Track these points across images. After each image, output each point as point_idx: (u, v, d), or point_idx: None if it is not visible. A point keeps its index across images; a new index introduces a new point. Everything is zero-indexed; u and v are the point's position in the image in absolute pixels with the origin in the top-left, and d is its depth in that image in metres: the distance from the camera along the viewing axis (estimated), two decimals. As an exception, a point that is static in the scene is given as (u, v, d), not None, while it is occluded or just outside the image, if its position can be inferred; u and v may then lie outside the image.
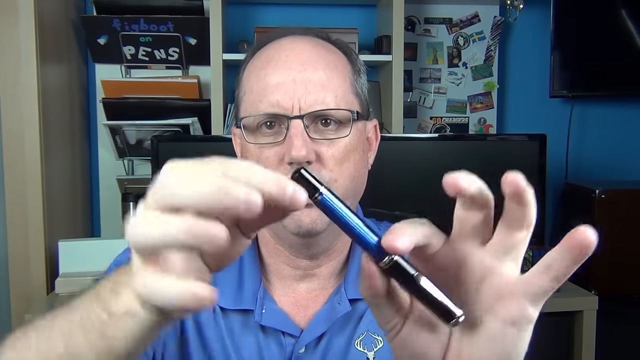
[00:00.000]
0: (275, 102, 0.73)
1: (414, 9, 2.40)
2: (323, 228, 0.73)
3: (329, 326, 0.78)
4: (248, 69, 0.80)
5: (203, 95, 2.22)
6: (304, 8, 2.35)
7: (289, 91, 0.73)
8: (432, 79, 2.47)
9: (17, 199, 1.87)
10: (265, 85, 0.74)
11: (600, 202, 2.07)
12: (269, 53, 0.77)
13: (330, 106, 0.73)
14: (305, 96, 0.73)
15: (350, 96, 0.77)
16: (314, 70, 0.74)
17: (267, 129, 0.74)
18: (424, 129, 2.47)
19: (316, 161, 0.72)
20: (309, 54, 0.75)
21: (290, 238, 0.76)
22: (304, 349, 0.77)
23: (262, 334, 0.78)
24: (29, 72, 1.87)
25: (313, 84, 0.73)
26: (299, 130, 0.71)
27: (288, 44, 0.77)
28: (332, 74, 0.75)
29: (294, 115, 0.72)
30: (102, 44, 2.17)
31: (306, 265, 0.80)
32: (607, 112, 2.54)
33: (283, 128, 0.73)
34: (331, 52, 0.78)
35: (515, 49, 2.52)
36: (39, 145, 1.88)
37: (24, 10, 1.84)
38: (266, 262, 0.82)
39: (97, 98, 2.22)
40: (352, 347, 0.78)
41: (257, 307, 0.77)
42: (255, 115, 0.74)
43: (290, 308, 0.79)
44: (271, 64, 0.75)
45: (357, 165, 0.76)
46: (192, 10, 2.14)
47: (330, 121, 0.74)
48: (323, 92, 0.73)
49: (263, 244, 0.82)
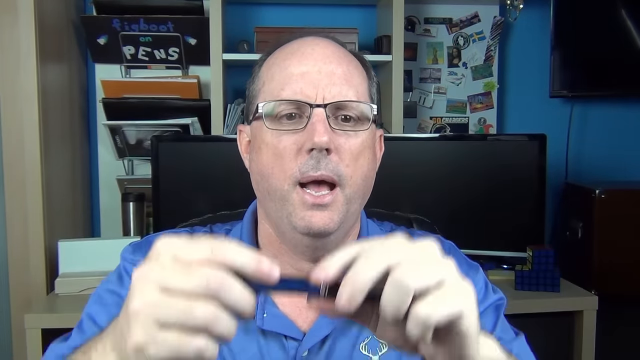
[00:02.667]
0: (299, 90, 0.73)
1: (414, 9, 2.40)
2: (335, 229, 0.73)
3: (331, 329, 0.77)
4: (268, 63, 0.80)
5: (203, 95, 2.22)
6: (304, 8, 2.35)
7: (314, 80, 0.74)
8: (432, 79, 2.47)
9: (17, 199, 1.87)
10: (290, 74, 0.75)
11: (600, 202, 2.07)
12: (292, 47, 0.78)
13: (353, 99, 0.75)
14: (330, 87, 0.74)
15: (367, 96, 0.79)
16: (338, 64, 0.76)
17: (287, 120, 0.74)
18: (424, 129, 2.47)
19: (334, 152, 0.73)
20: (334, 49, 0.78)
21: (298, 238, 0.75)
22: (307, 352, 0.76)
23: (264, 338, 0.77)
24: (29, 72, 1.87)
25: (338, 76, 0.75)
26: (322, 117, 0.72)
27: (312, 40, 0.79)
28: (355, 72, 0.78)
29: (317, 103, 0.73)
30: (102, 44, 2.17)
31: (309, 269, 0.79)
32: (607, 112, 2.54)
33: (304, 117, 0.73)
34: (351, 57, 0.80)
35: (515, 49, 2.52)
36: (39, 145, 1.88)
37: (24, 10, 1.84)
38: None
39: (97, 98, 2.22)
40: (356, 350, 0.77)
41: (258, 312, 0.77)
42: (277, 100, 0.74)
43: (291, 311, 0.79)
44: (296, 55, 0.76)
45: (369, 166, 0.77)
46: (192, 10, 2.14)
47: (350, 118, 0.75)
48: (347, 86, 0.75)
49: (264, 245, 0.82)
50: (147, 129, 2.12)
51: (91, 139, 2.32)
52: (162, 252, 0.47)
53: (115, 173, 2.21)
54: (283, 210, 0.73)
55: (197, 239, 0.48)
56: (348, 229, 0.79)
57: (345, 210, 0.74)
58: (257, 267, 0.47)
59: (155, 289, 0.45)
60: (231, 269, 0.46)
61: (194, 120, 2.12)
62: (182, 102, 2.15)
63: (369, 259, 0.49)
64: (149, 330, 0.44)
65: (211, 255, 0.46)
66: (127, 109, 2.12)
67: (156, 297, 0.45)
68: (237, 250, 0.47)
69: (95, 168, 2.30)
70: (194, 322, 0.44)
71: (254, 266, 0.47)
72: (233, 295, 0.45)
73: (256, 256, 0.47)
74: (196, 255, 0.46)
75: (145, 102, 2.13)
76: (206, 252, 0.46)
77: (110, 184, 2.22)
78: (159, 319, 0.44)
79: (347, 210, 0.74)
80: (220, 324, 0.45)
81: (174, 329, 0.44)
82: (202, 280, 0.44)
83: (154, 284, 0.45)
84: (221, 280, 0.45)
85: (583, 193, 2.16)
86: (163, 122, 2.12)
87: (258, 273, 0.47)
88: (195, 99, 2.18)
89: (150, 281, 0.45)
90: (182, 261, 0.46)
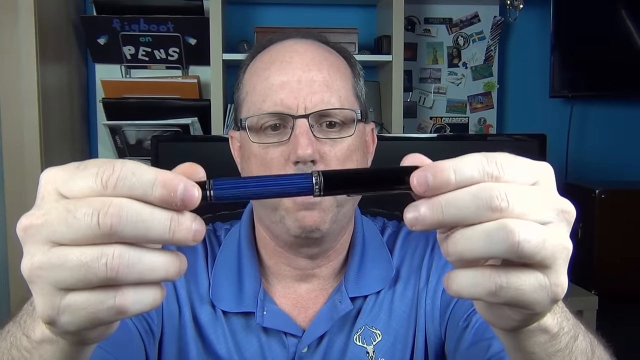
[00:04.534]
0: (279, 101, 0.73)
1: (414, 9, 2.40)
2: (327, 228, 0.73)
3: (331, 325, 0.78)
4: (249, 71, 0.79)
5: (203, 95, 2.22)
6: (304, 8, 2.35)
7: (294, 91, 0.73)
8: (432, 79, 2.47)
9: (17, 199, 1.87)
10: (270, 85, 0.74)
11: (600, 202, 2.07)
12: (271, 54, 0.77)
13: (335, 106, 0.74)
14: (311, 96, 0.73)
15: (352, 98, 0.78)
16: (318, 71, 0.74)
17: (272, 131, 0.74)
18: (424, 129, 2.47)
19: (320, 161, 0.73)
20: (313, 54, 0.76)
21: (292, 240, 0.76)
22: (306, 349, 0.77)
23: (265, 336, 0.78)
24: (29, 72, 1.87)
25: (318, 83, 0.74)
26: (305, 129, 0.71)
27: (291, 45, 0.77)
28: (336, 75, 0.76)
29: (299, 114, 0.72)
30: (102, 44, 2.17)
31: (306, 265, 0.80)
32: (607, 112, 2.54)
33: (288, 128, 0.73)
34: (333, 55, 0.79)
35: (515, 49, 2.52)
36: (39, 145, 1.88)
37: (24, 10, 1.84)
38: (266, 264, 0.82)
39: (97, 98, 2.22)
40: (351, 342, 0.78)
41: (258, 309, 0.77)
42: (259, 114, 0.74)
43: (290, 309, 0.80)
44: (275, 64, 0.75)
45: (359, 166, 0.77)
46: (192, 10, 2.14)
47: (335, 123, 0.74)
48: (328, 92, 0.74)
49: (262, 246, 0.82)
50: (147, 129, 2.12)
51: (91, 139, 2.32)
52: (45, 193, 0.37)
53: (115, 173, 2.21)
54: (276, 216, 0.74)
55: (84, 165, 0.37)
56: (342, 227, 0.79)
57: (336, 211, 0.74)
58: (166, 189, 0.36)
59: (42, 245, 0.36)
60: (130, 196, 0.36)
61: (194, 120, 2.12)
62: (182, 102, 2.15)
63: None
64: (51, 299, 0.36)
65: (101, 183, 0.36)
66: (127, 109, 2.12)
67: (45, 256, 0.36)
68: (132, 170, 0.36)
69: (95, 168, 2.30)
70: (99, 276, 0.35)
71: (160, 190, 0.36)
72: (143, 224, 0.35)
73: (164, 174, 0.36)
74: (83, 187, 0.36)
75: (145, 102, 2.13)
76: (94, 181, 0.36)
77: (110, 184, 2.22)
78: (57, 283, 0.36)
79: (339, 211, 0.75)
80: (135, 265, 0.36)
81: (79, 290, 0.36)
82: (91, 219, 0.35)
83: (39, 239, 0.36)
84: (117, 211, 0.35)
85: (583, 193, 2.15)
86: (163, 122, 2.12)
87: (168, 198, 0.36)
88: (195, 99, 2.18)
89: (34, 236, 0.36)
90: (68, 200, 0.36)
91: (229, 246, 0.83)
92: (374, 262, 0.81)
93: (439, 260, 0.81)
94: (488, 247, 0.37)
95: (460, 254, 0.38)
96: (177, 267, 0.38)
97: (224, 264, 0.81)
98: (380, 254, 0.83)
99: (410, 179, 0.38)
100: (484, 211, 0.37)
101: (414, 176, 0.38)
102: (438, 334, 0.79)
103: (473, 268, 0.39)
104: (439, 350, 0.79)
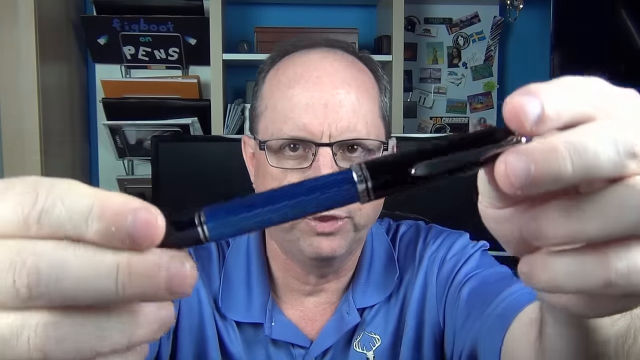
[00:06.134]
0: (302, 126, 0.68)
1: (414, 9, 2.40)
2: (342, 253, 0.72)
3: (338, 337, 0.77)
4: (271, 82, 0.74)
5: (203, 95, 2.22)
6: (304, 8, 2.35)
7: (319, 115, 0.68)
8: (432, 79, 2.47)
9: (17, 199, 1.87)
10: (293, 106, 0.69)
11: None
12: (296, 70, 0.72)
13: (361, 134, 0.70)
14: (337, 122, 0.68)
15: (378, 121, 0.74)
16: (347, 94, 0.69)
17: (291, 152, 0.70)
18: (424, 129, 2.47)
19: None
20: (343, 74, 0.71)
21: (305, 261, 0.74)
22: None
23: (273, 347, 0.77)
24: (29, 72, 1.87)
25: (345, 109, 0.69)
26: (328, 159, 0.68)
27: (319, 61, 0.72)
28: (364, 97, 0.71)
29: (323, 142, 0.68)
30: (102, 44, 2.17)
31: (316, 282, 0.79)
32: (607, 112, 2.54)
33: (309, 153, 0.69)
34: (362, 73, 0.74)
35: (515, 49, 2.52)
36: (39, 145, 1.88)
37: (24, 10, 1.84)
38: (275, 275, 0.81)
39: (97, 98, 2.22)
40: (351, 349, 0.78)
41: (267, 320, 0.77)
42: (278, 138, 0.70)
43: (298, 321, 0.79)
44: (300, 83, 0.70)
45: None
46: (192, 10, 2.14)
47: (358, 147, 0.71)
48: (355, 118, 0.69)
49: (272, 257, 0.81)
50: (147, 129, 2.12)
51: (91, 139, 2.32)
52: None
53: (115, 173, 2.21)
54: (291, 236, 0.72)
55: (7, 187, 0.25)
56: (357, 247, 0.79)
57: (353, 235, 0.72)
58: (105, 222, 0.25)
59: None
60: (60, 236, 0.25)
61: (194, 120, 2.12)
62: (182, 102, 2.15)
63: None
64: None
65: (22, 217, 0.25)
66: (127, 109, 2.12)
67: None
68: (61, 197, 0.25)
69: (96, 168, 2.31)
70: (22, 357, 0.25)
71: (97, 225, 0.25)
72: (72, 281, 0.24)
73: (104, 199, 0.26)
74: (1, 223, 0.25)
75: (145, 102, 2.13)
76: (14, 213, 0.25)
77: (110, 184, 2.22)
78: None
79: (355, 235, 0.72)
80: (70, 337, 0.25)
81: None
82: (6, 276, 0.24)
83: None
84: (35, 265, 0.24)
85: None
86: (163, 122, 2.12)
87: (110, 234, 0.25)
88: (195, 99, 2.18)
89: None
90: None
91: (237, 250, 0.81)
92: (380, 273, 0.81)
93: (429, 250, 0.81)
94: (620, 219, 0.26)
95: (574, 231, 0.26)
96: (158, 321, 0.26)
97: (233, 270, 0.80)
98: (388, 263, 0.82)
99: (497, 168, 0.27)
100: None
101: (502, 162, 0.27)
102: (437, 322, 0.78)
103: (572, 251, 0.27)
104: (439, 342, 0.79)
